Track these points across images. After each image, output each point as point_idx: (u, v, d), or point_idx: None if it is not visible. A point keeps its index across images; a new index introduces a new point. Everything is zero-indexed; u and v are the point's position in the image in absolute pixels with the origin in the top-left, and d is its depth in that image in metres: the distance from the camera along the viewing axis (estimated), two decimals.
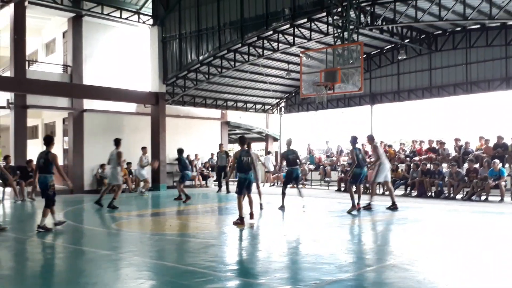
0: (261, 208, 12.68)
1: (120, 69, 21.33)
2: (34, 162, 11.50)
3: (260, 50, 18.54)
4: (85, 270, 6.48)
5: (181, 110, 23.43)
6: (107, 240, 9.04)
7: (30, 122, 22.39)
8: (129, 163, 20.13)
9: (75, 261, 7.16)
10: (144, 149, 18.89)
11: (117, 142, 13.89)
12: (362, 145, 17.03)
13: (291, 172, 13.25)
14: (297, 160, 13.41)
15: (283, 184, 13.82)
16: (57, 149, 21.59)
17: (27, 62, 19.62)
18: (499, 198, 14.73)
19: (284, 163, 14.28)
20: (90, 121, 20.10)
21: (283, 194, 13.25)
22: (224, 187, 19.00)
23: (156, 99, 20.69)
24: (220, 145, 20.36)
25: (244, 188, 10.26)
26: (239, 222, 9.98)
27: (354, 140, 12.81)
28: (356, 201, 12.18)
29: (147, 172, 19.02)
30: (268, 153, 25.10)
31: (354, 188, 12.43)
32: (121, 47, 21.65)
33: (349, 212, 11.90)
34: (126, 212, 13.26)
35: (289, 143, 13.45)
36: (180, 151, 15.70)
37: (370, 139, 13.54)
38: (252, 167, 10.45)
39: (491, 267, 6.41)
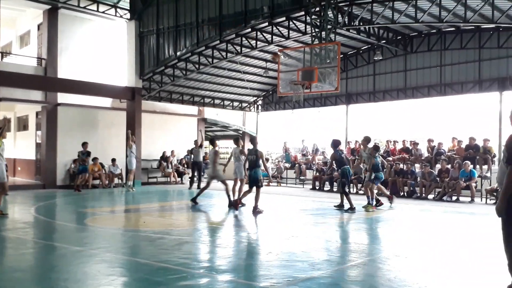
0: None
1: (96, 63, 21.03)
2: None
3: (238, 48, 18.52)
4: (56, 266, 6.40)
5: (158, 106, 23.25)
6: (78, 236, 8.92)
7: (3, 115, 21.94)
8: (113, 159, 19.92)
9: (46, 257, 7.06)
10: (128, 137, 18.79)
11: (237, 140, 14.01)
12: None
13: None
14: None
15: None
16: (30, 143, 21.31)
17: (0, 54, 19.19)
18: (469, 199, 15.06)
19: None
20: (64, 115, 19.76)
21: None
22: (195, 184, 19.10)
23: (132, 94, 20.49)
24: (196, 141, 20.24)
25: (252, 183, 11.79)
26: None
27: (334, 144, 12.90)
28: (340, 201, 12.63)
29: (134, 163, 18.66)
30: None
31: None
32: (98, 41, 21.34)
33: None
34: (99, 208, 13.11)
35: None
36: None
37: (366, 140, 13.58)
38: (262, 164, 11.84)
39: (462, 266, 6.55)
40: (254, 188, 11.86)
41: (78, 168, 18.70)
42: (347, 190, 12.84)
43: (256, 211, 11.46)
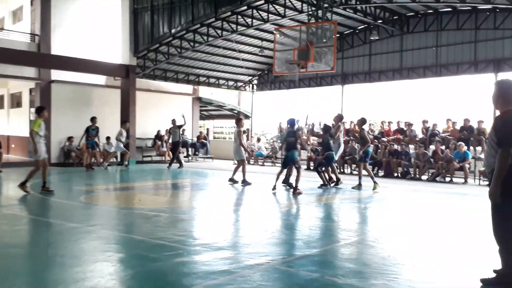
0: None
1: (89, 40, 20.81)
2: None
3: (234, 26, 18.38)
4: (52, 242, 6.44)
5: (152, 84, 23.13)
6: (74, 213, 8.94)
7: None
8: (108, 138, 19.84)
9: (42, 233, 7.09)
10: (124, 123, 18.73)
11: (239, 120, 14.22)
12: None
13: (286, 156, 12.31)
14: (296, 143, 12.24)
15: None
16: (24, 120, 21.19)
17: None
18: (463, 180, 15.18)
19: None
20: (58, 92, 19.62)
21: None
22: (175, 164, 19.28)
23: (126, 72, 20.33)
24: (173, 120, 19.77)
25: (286, 164, 12.16)
26: (273, 189, 11.89)
27: (363, 121, 13.10)
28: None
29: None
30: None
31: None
32: (91, 17, 21.10)
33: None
34: (94, 185, 13.13)
35: (291, 124, 12.30)
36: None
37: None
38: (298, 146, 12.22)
39: (455, 245, 6.63)
40: (294, 170, 12.22)
41: (88, 144, 17.79)
42: (320, 169, 13.09)
43: (296, 192, 11.40)
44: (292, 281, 4.81)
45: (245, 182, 13.19)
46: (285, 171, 12.52)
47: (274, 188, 11.94)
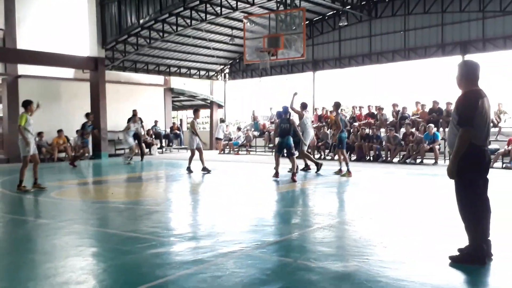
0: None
1: (56, 33, 20.34)
2: None
3: (202, 15, 18.23)
4: (23, 239, 6.34)
5: (122, 76, 22.83)
6: (45, 209, 8.84)
7: None
8: (78, 131, 19.47)
9: (12, 230, 6.97)
10: (134, 117, 18.63)
11: (195, 111, 14.20)
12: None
13: (281, 142, 12.52)
14: (290, 130, 12.46)
15: None
16: None
17: None
18: (433, 161, 15.49)
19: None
20: (26, 87, 19.18)
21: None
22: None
23: (95, 64, 19.98)
24: (134, 111, 19.58)
25: (282, 149, 12.42)
26: (275, 175, 12.09)
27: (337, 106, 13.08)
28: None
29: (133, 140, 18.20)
30: (221, 121, 25.18)
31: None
32: (57, 9, 20.61)
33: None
34: (65, 180, 12.95)
35: (285, 112, 12.49)
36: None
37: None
38: (295, 133, 12.38)
39: (426, 225, 6.78)
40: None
41: (83, 141, 17.19)
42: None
43: (294, 178, 11.66)
44: (265, 266, 4.86)
45: (204, 170, 13.59)
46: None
47: (276, 175, 12.13)
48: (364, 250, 5.38)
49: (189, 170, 13.84)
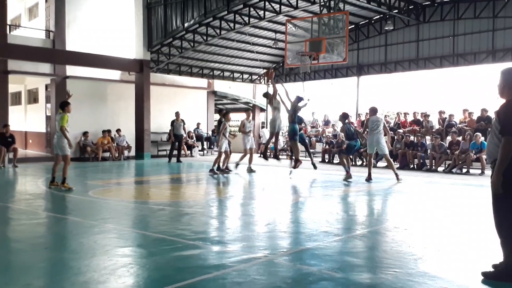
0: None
1: (104, 35, 20.93)
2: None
3: (246, 18, 18.25)
4: (53, 236, 6.44)
5: (166, 78, 23.16)
6: (81, 207, 8.99)
7: (13, 88, 22.05)
8: (118, 130, 19.92)
9: (44, 227, 7.12)
10: (247, 112, 17.34)
11: (226, 114, 14.84)
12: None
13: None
14: (294, 116, 13.75)
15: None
16: (40, 116, 21.43)
17: (8, 27, 19.16)
18: (479, 171, 14.85)
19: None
20: (73, 88, 19.54)
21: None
22: (174, 158, 19.24)
23: (141, 67, 20.38)
24: (177, 113, 19.56)
25: (352, 151, 13.38)
26: (346, 177, 12.62)
27: (344, 117, 13.14)
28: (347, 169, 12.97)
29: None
30: (262, 126, 25.37)
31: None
32: (105, 12, 21.21)
33: (345, 180, 12.57)
34: (106, 180, 13.20)
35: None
36: None
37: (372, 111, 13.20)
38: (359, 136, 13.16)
39: (462, 239, 6.45)
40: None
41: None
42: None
43: (297, 165, 13.02)
44: (287, 274, 4.72)
45: (220, 170, 14.34)
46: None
47: (349, 177, 12.64)
48: (394, 262, 5.14)
49: (212, 171, 14.25)
